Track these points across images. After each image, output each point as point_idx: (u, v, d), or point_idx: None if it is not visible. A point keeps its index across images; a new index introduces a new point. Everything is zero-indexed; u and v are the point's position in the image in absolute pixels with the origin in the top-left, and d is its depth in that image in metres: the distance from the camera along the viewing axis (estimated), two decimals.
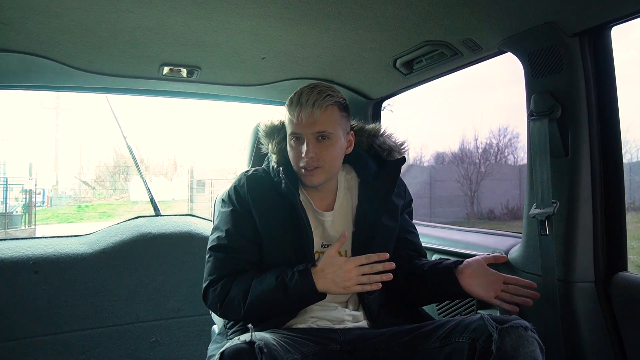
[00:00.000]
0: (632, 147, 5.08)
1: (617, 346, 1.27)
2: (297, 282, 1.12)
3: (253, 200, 1.26)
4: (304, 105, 1.18)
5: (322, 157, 1.21)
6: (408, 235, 1.39)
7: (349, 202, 1.34)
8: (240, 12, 1.34)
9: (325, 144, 1.21)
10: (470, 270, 1.24)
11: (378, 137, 1.39)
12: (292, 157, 1.25)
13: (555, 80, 1.31)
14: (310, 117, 1.18)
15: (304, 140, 1.21)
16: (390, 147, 1.37)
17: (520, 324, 0.98)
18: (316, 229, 1.29)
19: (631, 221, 3.81)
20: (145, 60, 1.69)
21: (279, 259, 1.25)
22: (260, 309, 1.16)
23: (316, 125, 1.19)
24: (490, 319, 1.00)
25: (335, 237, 1.29)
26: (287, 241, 1.24)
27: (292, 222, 1.23)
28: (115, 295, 1.95)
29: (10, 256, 1.83)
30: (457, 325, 1.05)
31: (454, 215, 9.89)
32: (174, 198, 15.40)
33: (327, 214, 1.30)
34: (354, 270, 1.13)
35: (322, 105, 1.19)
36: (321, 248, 1.29)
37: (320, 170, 1.22)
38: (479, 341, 0.97)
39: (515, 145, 10.36)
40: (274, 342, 0.96)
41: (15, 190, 13.09)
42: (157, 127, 29.54)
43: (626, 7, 1.15)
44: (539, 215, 1.31)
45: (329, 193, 1.33)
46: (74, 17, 1.34)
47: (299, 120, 1.20)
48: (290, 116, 1.22)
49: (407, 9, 1.31)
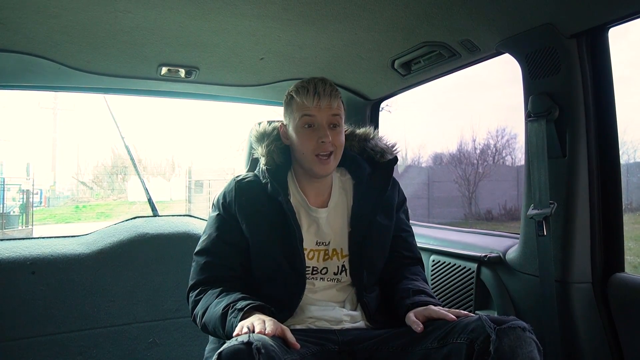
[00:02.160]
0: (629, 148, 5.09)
1: (614, 346, 1.27)
2: (234, 323, 1.06)
3: (240, 206, 1.29)
4: (323, 95, 1.24)
5: (335, 142, 1.26)
6: (402, 233, 1.40)
7: (344, 202, 1.35)
8: (238, 12, 1.34)
9: (337, 130, 1.27)
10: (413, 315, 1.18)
11: (369, 141, 1.42)
12: (305, 144, 1.26)
13: (553, 82, 1.32)
14: (329, 104, 1.25)
15: (319, 127, 1.25)
16: (382, 149, 1.40)
17: (518, 325, 0.98)
18: (310, 226, 1.30)
19: (628, 222, 3.82)
20: (144, 60, 1.69)
21: (268, 261, 1.26)
22: (210, 330, 1.18)
23: (332, 112, 1.25)
24: (488, 319, 1.00)
25: (329, 234, 1.30)
26: (275, 243, 1.25)
27: (281, 222, 1.25)
28: (112, 295, 1.95)
29: (8, 256, 1.82)
30: (455, 326, 1.05)
31: (452, 216, 9.91)
32: (171, 198, 15.40)
33: (322, 210, 1.31)
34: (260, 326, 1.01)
35: (337, 96, 1.27)
36: (315, 246, 1.29)
37: (333, 156, 1.27)
38: (477, 342, 0.97)
39: (513, 146, 10.40)
40: (272, 343, 0.95)
41: (13, 190, 13.07)
42: (155, 128, 29.57)
43: (623, 8, 1.15)
44: (536, 216, 1.31)
45: (324, 190, 1.35)
46: (72, 17, 1.34)
47: (318, 107, 1.24)
48: (306, 104, 1.25)
49: (405, 10, 1.31)
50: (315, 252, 1.29)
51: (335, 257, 1.30)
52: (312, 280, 1.28)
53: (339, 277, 1.30)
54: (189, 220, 2.26)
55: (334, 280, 1.30)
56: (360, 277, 1.28)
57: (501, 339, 0.95)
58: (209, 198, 13.01)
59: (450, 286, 1.76)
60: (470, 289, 1.67)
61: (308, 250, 1.28)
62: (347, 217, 1.33)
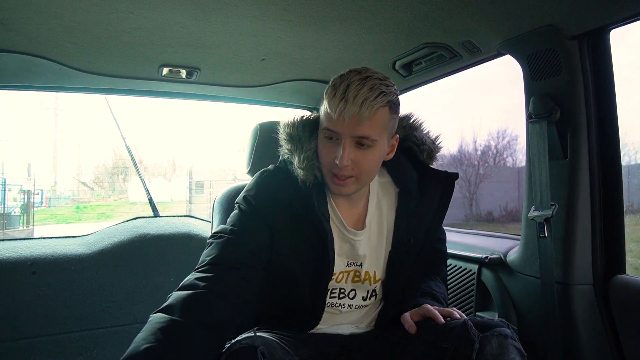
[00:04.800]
0: (631, 150, 5.08)
1: (615, 348, 1.27)
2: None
3: (273, 213, 1.08)
4: (350, 102, 0.95)
5: (359, 166, 1.01)
6: (435, 242, 1.28)
7: (383, 215, 1.15)
8: (239, 13, 1.34)
9: (366, 151, 1.01)
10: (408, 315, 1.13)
11: (417, 129, 1.17)
12: (323, 157, 1.05)
13: (554, 83, 1.32)
14: (356, 117, 0.96)
15: (341, 142, 1.00)
16: (430, 147, 1.17)
17: (501, 332, 0.96)
18: (342, 248, 1.11)
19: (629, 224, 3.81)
20: (145, 61, 1.69)
21: (289, 280, 1.10)
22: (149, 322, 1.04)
23: (359, 128, 0.97)
24: (473, 325, 0.98)
25: (364, 256, 1.12)
26: (303, 264, 1.08)
27: (315, 245, 1.07)
28: (113, 296, 1.95)
29: (8, 257, 1.82)
30: (442, 328, 1.02)
31: (453, 217, 9.89)
32: (172, 199, 15.39)
33: (359, 233, 1.11)
34: None
35: (373, 106, 0.96)
36: (346, 267, 1.13)
37: (354, 180, 1.03)
38: (460, 348, 0.96)
39: (514, 147, 10.38)
40: (276, 345, 0.95)
41: (14, 190, 13.07)
42: (156, 128, 29.56)
43: (625, 10, 1.15)
44: (537, 217, 1.31)
45: (359, 201, 1.14)
46: (73, 17, 1.34)
47: (340, 118, 0.97)
48: (329, 109, 0.99)
49: (407, 11, 1.31)
50: (344, 274, 1.13)
51: (367, 281, 1.14)
52: (338, 308, 1.14)
53: (367, 302, 1.16)
54: (189, 221, 2.27)
55: (360, 308, 1.16)
56: (392, 303, 1.16)
57: (484, 347, 0.94)
58: (210, 199, 13.00)
59: (451, 287, 1.76)
60: (471, 291, 1.67)
61: (337, 274, 1.11)
62: (386, 234, 1.14)
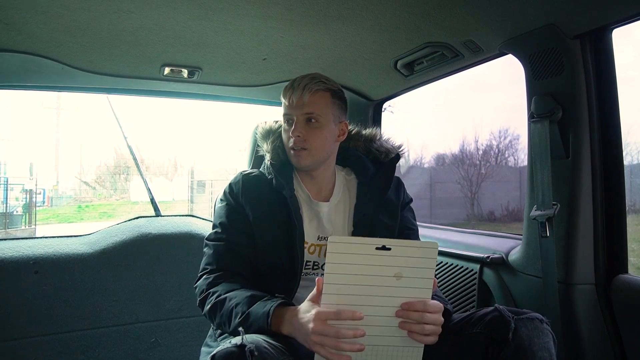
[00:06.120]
0: (633, 149, 5.08)
1: (617, 348, 1.27)
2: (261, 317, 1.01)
3: (247, 198, 1.29)
4: (296, 88, 1.25)
5: (309, 140, 1.25)
6: (406, 231, 1.39)
7: (347, 201, 1.35)
8: (241, 13, 1.34)
9: (313, 126, 1.25)
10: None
11: (375, 141, 1.42)
12: (284, 138, 1.30)
13: (556, 82, 1.31)
14: (300, 99, 1.24)
15: (294, 122, 1.26)
16: (388, 149, 1.40)
17: (535, 317, 1.01)
18: (311, 220, 1.30)
19: (632, 223, 3.80)
20: (146, 60, 1.69)
21: (271, 255, 1.25)
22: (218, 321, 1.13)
23: (304, 107, 1.24)
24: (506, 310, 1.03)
25: (330, 230, 1.30)
26: (278, 237, 1.25)
27: (284, 217, 1.25)
28: (115, 295, 1.95)
29: (10, 256, 1.83)
30: (470, 316, 1.07)
31: (454, 217, 9.89)
32: (174, 198, 15.42)
33: (323, 204, 1.32)
34: (319, 327, 0.93)
35: (312, 88, 1.25)
36: (317, 241, 1.29)
37: (307, 152, 1.26)
38: (495, 331, 1.00)
39: (516, 146, 10.37)
40: (266, 345, 0.95)
41: (16, 190, 13.11)
42: (157, 128, 29.61)
43: (627, 9, 1.15)
44: (539, 217, 1.31)
45: (326, 184, 1.35)
46: (75, 17, 1.34)
47: (290, 102, 1.26)
48: (284, 99, 1.28)
49: (408, 10, 1.31)
50: (316, 247, 1.29)
51: None
52: (313, 277, 1.26)
53: None
54: (191, 221, 2.27)
55: None
56: None
57: (519, 328, 0.98)
58: (211, 198, 13.00)
59: (453, 287, 1.75)
60: (472, 290, 1.67)
61: (309, 245, 1.27)
62: (349, 216, 1.33)
